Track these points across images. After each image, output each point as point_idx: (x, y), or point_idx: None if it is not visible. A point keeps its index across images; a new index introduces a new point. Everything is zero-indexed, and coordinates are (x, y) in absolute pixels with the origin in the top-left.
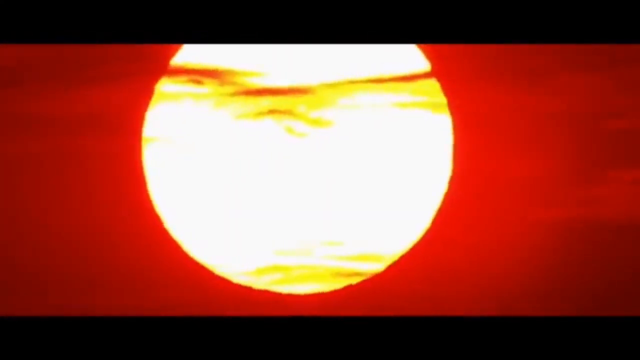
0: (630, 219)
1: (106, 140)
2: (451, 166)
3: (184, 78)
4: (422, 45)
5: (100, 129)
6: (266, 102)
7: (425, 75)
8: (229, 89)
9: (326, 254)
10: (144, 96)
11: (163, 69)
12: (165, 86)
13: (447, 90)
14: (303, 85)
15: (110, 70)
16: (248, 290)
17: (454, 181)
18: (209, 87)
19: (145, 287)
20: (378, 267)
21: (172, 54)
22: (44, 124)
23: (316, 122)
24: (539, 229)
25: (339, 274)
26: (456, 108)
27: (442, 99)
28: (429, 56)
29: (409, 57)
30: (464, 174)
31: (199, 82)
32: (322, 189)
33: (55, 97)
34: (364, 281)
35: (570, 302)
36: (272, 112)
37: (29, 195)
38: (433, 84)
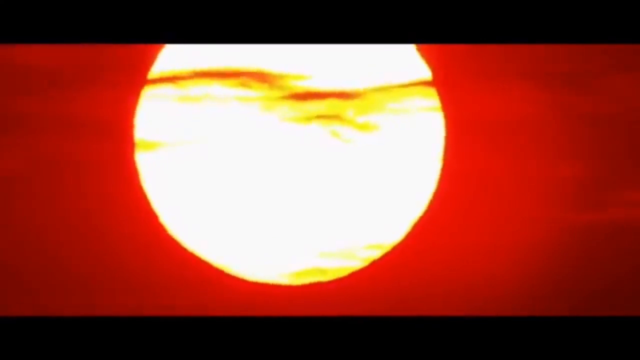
0: None
1: (104, 143)
2: (444, 167)
3: (233, 81)
4: (425, 46)
5: (98, 130)
6: (314, 106)
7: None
8: (277, 92)
9: (368, 256)
10: (132, 97)
11: (146, 73)
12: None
13: (448, 93)
14: (351, 90)
15: (100, 72)
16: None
17: (466, 182)
18: (257, 91)
19: (147, 288)
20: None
21: (154, 57)
22: (46, 125)
23: (363, 127)
24: (540, 229)
25: None
26: (457, 111)
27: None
28: (429, 59)
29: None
30: (478, 175)
31: (247, 85)
32: (366, 192)
33: (55, 98)
34: (348, 279)
35: (582, 303)
36: (320, 116)
37: (30, 197)
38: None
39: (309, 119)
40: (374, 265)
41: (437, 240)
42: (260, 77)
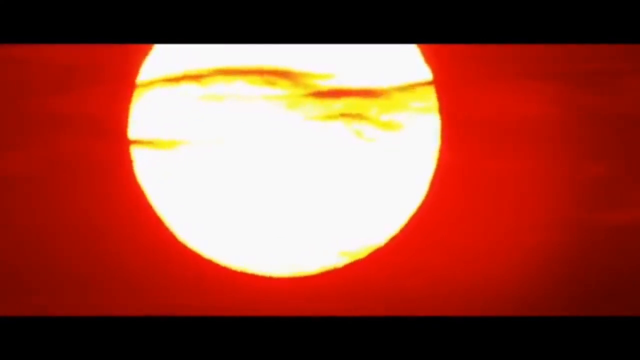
0: None
1: (106, 142)
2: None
3: (257, 79)
4: (425, 46)
5: (100, 129)
6: (338, 104)
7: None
8: (301, 90)
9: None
10: (125, 95)
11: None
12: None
13: (457, 92)
14: (375, 88)
15: (93, 72)
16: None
17: (467, 183)
18: (282, 89)
19: (150, 288)
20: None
21: (144, 55)
22: (46, 124)
23: (387, 126)
24: (542, 230)
25: None
26: (468, 110)
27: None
28: (429, 59)
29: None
30: (481, 177)
31: (272, 84)
32: (388, 191)
33: (55, 97)
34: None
35: (580, 304)
36: (343, 115)
37: (28, 197)
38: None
39: (332, 117)
40: (375, 262)
41: (434, 239)
42: (285, 75)
